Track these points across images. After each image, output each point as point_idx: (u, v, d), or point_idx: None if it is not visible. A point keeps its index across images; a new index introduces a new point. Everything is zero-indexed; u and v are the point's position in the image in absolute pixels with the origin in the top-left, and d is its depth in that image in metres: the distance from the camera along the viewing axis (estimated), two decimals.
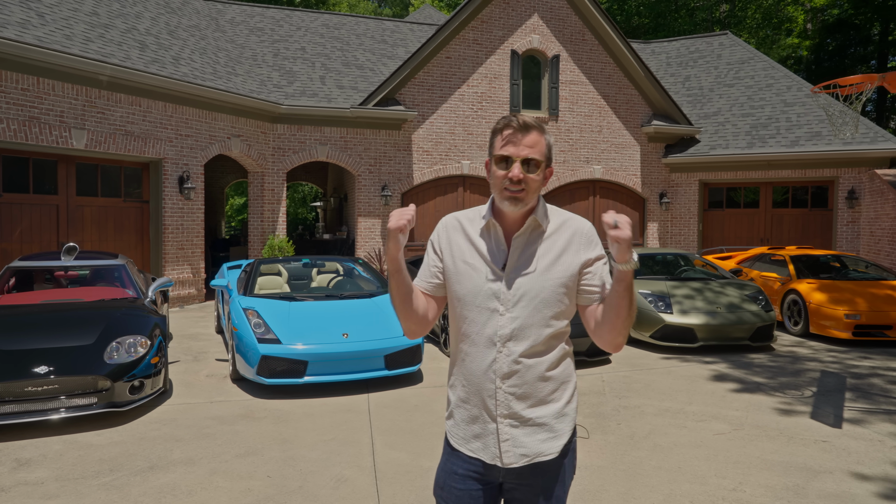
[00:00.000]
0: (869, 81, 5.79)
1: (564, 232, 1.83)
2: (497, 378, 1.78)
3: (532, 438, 1.79)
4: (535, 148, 1.76)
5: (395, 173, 13.95)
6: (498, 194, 1.79)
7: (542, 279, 1.78)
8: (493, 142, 1.81)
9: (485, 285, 1.79)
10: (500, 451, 1.79)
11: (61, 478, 4.02)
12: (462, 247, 1.86)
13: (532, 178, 1.76)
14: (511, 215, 1.83)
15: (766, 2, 29.38)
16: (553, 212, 1.87)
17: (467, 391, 1.84)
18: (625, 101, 15.68)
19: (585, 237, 1.83)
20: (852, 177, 14.27)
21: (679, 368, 7.18)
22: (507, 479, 1.83)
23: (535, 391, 1.79)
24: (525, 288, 1.77)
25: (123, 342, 5.24)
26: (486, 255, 1.82)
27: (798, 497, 3.84)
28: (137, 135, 10.33)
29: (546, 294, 1.77)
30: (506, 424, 1.79)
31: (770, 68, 17.02)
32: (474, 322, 1.80)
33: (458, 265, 1.85)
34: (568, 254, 1.80)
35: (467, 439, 1.85)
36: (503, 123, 1.78)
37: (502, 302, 1.77)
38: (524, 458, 1.78)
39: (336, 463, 4.33)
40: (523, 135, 1.75)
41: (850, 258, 10.27)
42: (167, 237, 10.95)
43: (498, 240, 1.83)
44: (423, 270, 1.94)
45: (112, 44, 10.36)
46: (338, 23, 17.08)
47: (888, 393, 6.16)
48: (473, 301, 1.80)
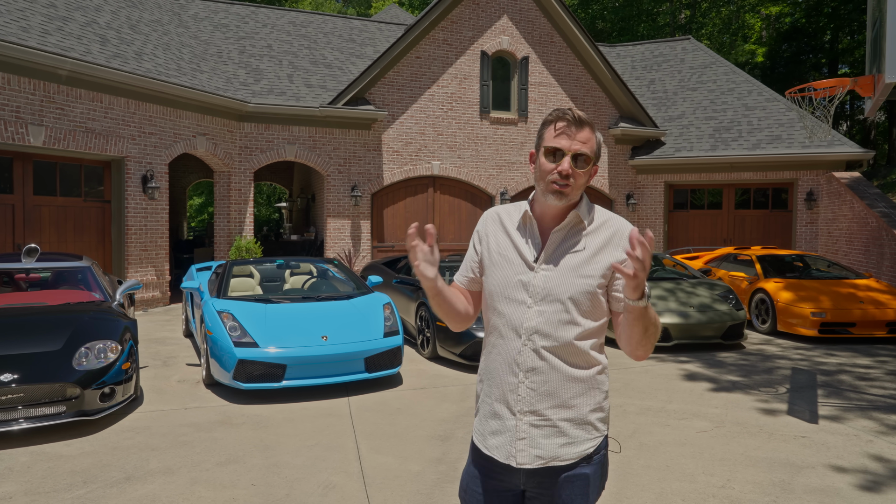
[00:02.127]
0: (841, 85, 5.97)
1: (604, 231, 1.79)
2: (520, 372, 1.75)
3: (550, 441, 1.74)
4: (587, 144, 1.74)
5: (364, 173, 13.80)
6: (543, 186, 1.77)
7: (572, 276, 1.74)
8: (544, 133, 1.78)
9: (515, 277, 1.78)
10: (515, 449, 1.75)
11: (31, 492, 3.80)
12: (499, 239, 1.86)
13: (580, 174, 1.74)
14: (551, 210, 1.80)
15: (726, 9, 30.16)
16: (596, 210, 1.83)
17: (491, 384, 1.82)
18: (593, 104, 15.86)
19: (624, 238, 1.78)
20: (811, 179, 14.72)
21: (655, 368, 7.26)
22: (528, 485, 1.79)
23: (557, 391, 1.74)
24: (554, 283, 1.74)
25: (93, 347, 5.00)
26: (521, 248, 1.81)
27: (785, 493, 3.89)
28: (99, 132, 9.96)
29: (574, 292, 1.73)
30: (525, 422, 1.75)
31: (731, 73, 17.45)
32: (502, 314, 1.79)
33: (494, 257, 1.84)
34: (604, 253, 1.76)
35: (486, 435, 1.82)
36: (557, 115, 1.75)
37: (531, 294, 1.75)
38: (539, 460, 1.74)
39: (322, 469, 4.21)
40: (577, 129, 1.73)
41: (813, 258, 10.57)
42: (130, 238, 10.58)
43: (533, 233, 1.81)
44: (463, 265, 1.99)
45: (71, 37, 9.96)
46: (304, 20, 16.82)
47: (857, 389, 6.34)
48: (503, 292, 1.79)
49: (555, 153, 1.74)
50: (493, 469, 1.81)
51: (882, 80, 5.09)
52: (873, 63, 5.72)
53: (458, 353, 7.00)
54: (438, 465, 4.29)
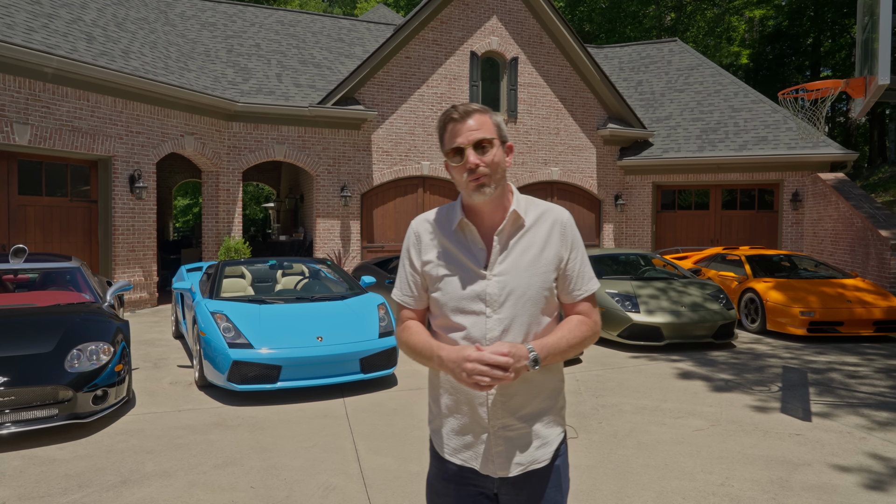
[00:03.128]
0: (834, 87, 6.05)
1: (544, 223, 1.75)
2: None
3: (525, 446, 1.71)
4: (481, 129, 1.67)
5: (354, 174, 13.75)
6: (464, 189, 1.70)
7: (527, 276, 1.69)
8: (443, 140, 1.73)
9: (467, 287, 1.70)
10: (493, 460, 1.71)
11: (25, 496, 3.73)
12: (438, 251, 1.76)
13: (489, 160, 1.67)
14: (485, 209, 1.73)
15: (711, 12, 30.46)
16: (529, 202, 1.78)
17: (456, 400, 1.74)
18: (581, 105, 15.93)
19: (563, 227, 1.76)
20: (796, 180, 14.90)
21: (648, 367, 7.29)
22: (501, 490, 1.74)
23: (527, 396, 1.71)
24: (511, 286, 1.68)
25: (85, 349, 4.92)
26: (465, 256, 1.72)
27: (784, 490, 3.92)
28: (85, 131, 9.82)
29: (533, 291, 1.69)
30: (499, 433, 1.70)
31: (717, 75, 17.62)
32: (461, 327, 1.70)
33: (437, 270, 1.75)
34: (550, 246, 1.73)
35: (458, 449, 1.75)
36: (445, 118, 1.71)
37: (489, 304, 1.68)
38: (518, 467, 1.71)
39: (321, 471, 4.18)
40: (466, 120, 1.67)
41: (800, 258, 10.70)
42: (117, 239, 10.45)
43: (474, 239, 1.73)
44: (400, 283, 1.84)
45: (57, 34, 9.82)
46: (293, 20, 16.73)
47: (848, 387, 6.42)
48: (457, 305, 1.71)
49: (457, 153, 1.68)
50: (466, 476, 1.76)
51: (874, 82, 5.17)
52: (864, 65, 5.81)
53: None
54: None
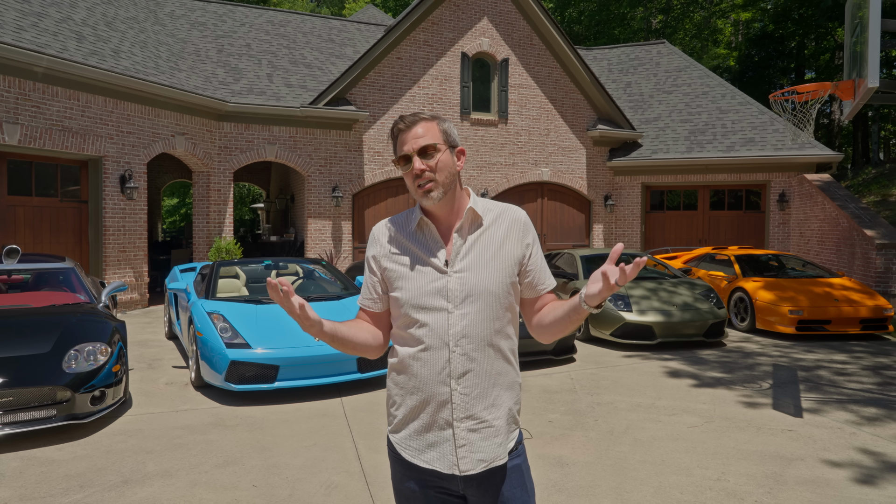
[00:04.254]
0: (822, 89, 6.17)
1: (502, 223, 1.80)
2: (452, 380, 1.71)
3: (489, 442, 1.72)
4: (425, 135, 1.73)
5: (345, 174, 13.75)
6: (415, 195, 1.76)
7: (488, 272, 1.74)
8: (394, 150, 1.81)
9: (429, 285, 1.73)
10: (457, 457, 1.71)
11: (26, 497, 3.72)
12: (397, 251, 1.81)
13: (435, 164, 1.72)
14: (441, 212, 1.79)
15: (698, 15, 30.76)
16: (486, 203, 1.85)
17: (418, 398, 1.75)
18: (571, 106, 16.04)
19: (522, 226, 1.82)
20: (783, 181, 15.10)
21: (641, 365, 7.38)
22: (467, 490, 1.74)
23: (488, 391, 1.74)
24: (472, 282, 1.72)
25: (82, 350, 4.91)
26: (425, 255, 1.76)
27: (778, 484, 4.00)
28: (76, 131, 9.75)
29: (494, 286, 1.73)
30: (462, 429, 1.71)
31: (705, 76, 17.80)
32: (424, 324, 1.73)
33: (398, 269, 1.78)
34: (508, 244, 1.78)
35: (421, 450, 1.76)
36: (394, 129, 1.78)
37: (450, 300, 1.71)
38: (482, 464, 1.71)
39: (322, 469, 4.20)
40: (411, 128, 1.74)
41: (788, 257, 10.86)
42: (108, 239, 10.38)
43: (433, 237, 1.78)
44: (364, 288, 1.90)
45: (47, 34, 9.74)
46: (283, 20, 16.69)
47: (836, 384, 6.54)
48: (419, 302, 1.73)
49: (405, 161, 1.75)
50: (431, 478, 1.76)
51: (864, 85, 5.28)
52: (853, 68, 5.92)
53: None
54: None
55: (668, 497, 3.80)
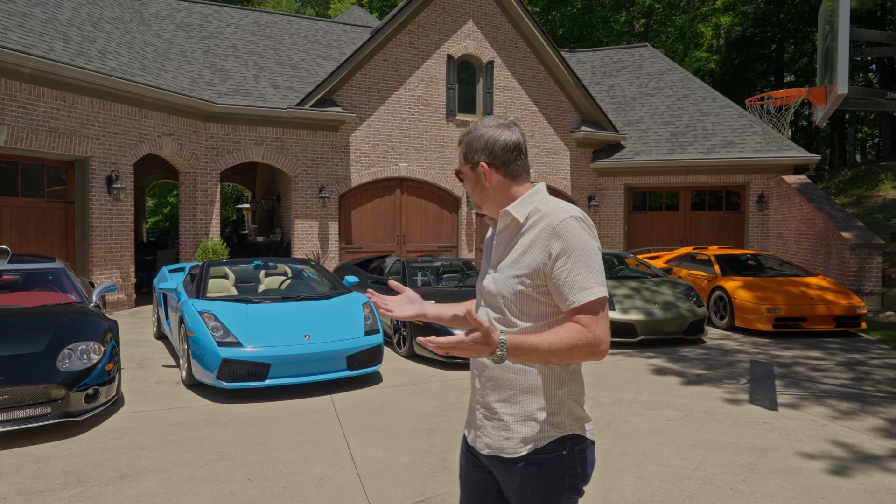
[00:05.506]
0: (797, 95, 6.40)
1: (536, 226, 1.76)
2: (475, 368, 1.92)
3: (497, 433, 1.83)
4: (459, 160, 1.95)
5: (332, 175, 13.83)
6: None
7: (504, 276, 1.81)
8: None
9: (481, 280, 1.95)
10: (474, 435, 1.92)
11: (24, 492, 3.80)
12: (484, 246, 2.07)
13: (467, 184, 1.92)
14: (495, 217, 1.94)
15: (680, 19, 31.18)
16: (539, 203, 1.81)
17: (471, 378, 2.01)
18: (555, 108, 16.25)
19: (552, 231, 1.71)
20: (762, 182, 15.43)
21: (624, 362, 7.57)
22: (490, 468, 1.90)
23: (502, 387, 1.82)
24: (494, 284, 1.85)
25: (76, 349, 4.98)
26: (487, 252, 1.99)
27: (752, 472, 4.19)
28: (62, 131, 9.75)
29: (505, 291, 1.79)
30: (479, 413, 1.89)
31: (686, 80, 18.12)
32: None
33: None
34: (532, 251, 1.74)
35: (467, 423, 2.01)
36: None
37: (484, 297, 1.91)
38: (487, 449, 1.85)
39: (315, 463, 4.32)
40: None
41: (766, 257, 11.14)
42: (95, 240, 10.39)
43: (491, 238, 1.97)
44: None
45: (33, 34, 9.74)
46: (269, 21, 16.73)
47: (812, 379, 6.77)
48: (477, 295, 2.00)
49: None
50: (469, 448, 1.99)
51: (834, 92, 5.50)
52: (825, 74, 6.15)
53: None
54: (427, 456, 4.45)
55: (648, 486, 3.97)
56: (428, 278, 8.93)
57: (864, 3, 19.11)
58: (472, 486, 1.97)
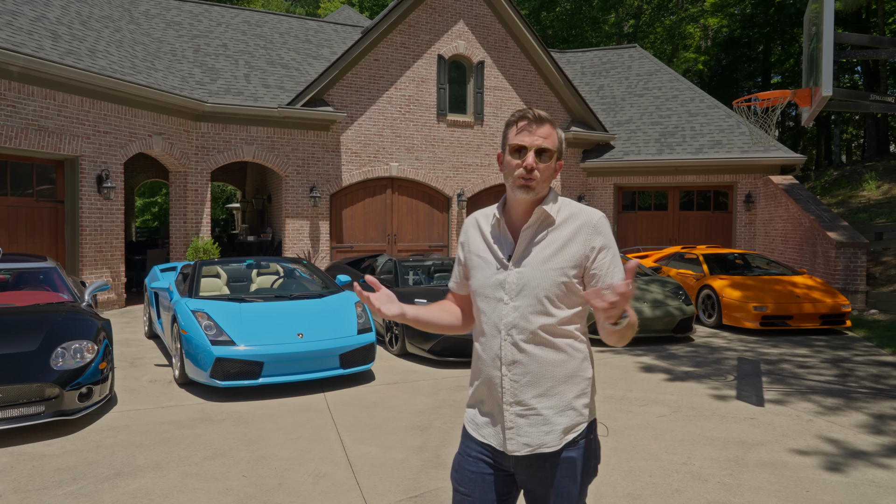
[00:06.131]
0: (783, 97, 6.51)
1: (572, 223, 1.86)
2: (503, 365, 1.85)
3: (536, 429, 1.83)
4: (548, 139, 1.83)
5: (323, 174, 13.85)
6: (511, 183, 1.87)
7: (542, 269, 1.83)
8: (507, 133, 1.89)
9: (493, 276, 1.88)
10: (504, 438, 1.85)
11: (20, 489, 3.82)
12: (477, 242, 1.98)
13: (543, 167, 1.84)
14: (520, 207, 1.90)
15: (668, 20, 31.40)
16: (565, 204, 1.91)
17: (481, 379, 1.93)
18: (545, 108, 16.33)
19: (593, 228, 1.85)
20: (749, 182, 15.61)
21: (614, 360, 7.66)
22: (517, 469, 1.88)
23: (539, 381, 1.84)
24: (527, 278, 1.83)
25: (69, 347, 4.99)
26: (495, 248, 1.91)
27: (739, 466, 4.28)
28: (52, 130, 9.71)
29: (546, 284, 1.82)
30: (511, 413, 1.84)
31: (675, 80, 18.27)
32: (484, 312, 1.90)
33: (473, 259, 1.97)
34: (573, 245, 1.83)
35: (480, 426, 1.93)
36: (518, 115, 1.86)
37: (507, 292, 1.85)
38: (527, 448, 1.83)
39: (309, 460, 4.36)
40: (538, 126, 1.83)
41: (753, 256, 11.28)
42: (84, 239, 10.34)
43: (505, 233, 1.92)
44: (454, 271, 2.11)
45: (22, 32, 9.68)
46: (259, 20, 16.70)
47: (797, 375, 6.89)
48: (483, 292, 1.90)
49: (519, 150, 1.84)
50: (487, 452, 1.92)
51: (819, 93, 5.61)
52: (810, 76, 6.26)
53: (427, 350, 7.22)
54: (421, 452, 4.50)
55: (638, 480, 4.05)
56: (419, 277, 8.98)
57: (849, 5, 19.35)
58: (485, 492, 1.92)
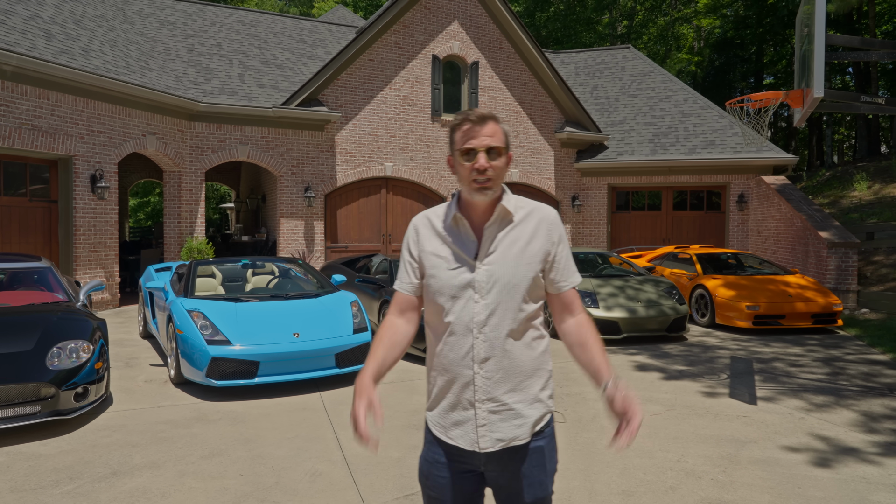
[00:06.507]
0: (775, 98, 6.57)
1: (532, 220, 1.92)
2: (475, 364, 1.86)
3: (507, 423, 1.86)
4: (494, 136, 1.84)
5: (318, 174, 13.85)
6: (467, 186, 1.88)
7: (514, 266, 1.86)
8: (454, 138, 1.89)
9: (459, 276, 1.88)
10: (477, 436, 1.87)
11: (17, 489, 3.82)
12: (432, 241, 1.95)
13: (496, 165, 1.85)
14: (479, 206, 1.91)
15: (661, 21, 31.54)
16: (519, 200, 1.95)
17: (446, 380, 1.91)
18: (539, 108, 16.40)
19: (551, 223, 1.93)
20: (742, 182, 15.70)
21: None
22: (487, 467, 1.90)
23: (510, 376, 1.87)
24: (498, 275, 1.85)
25: (65, 347, 4.99)
26: (458, 247, 1.91)
27: (732, 464, 4.32)
28: (46, 130, 9.68)
29: (518, 280, 1.86)
30: (483, 410, 1.86)
31: (668, 81, 18.36)
32: (452, 312, 1.88)
33: (432, 259, 1.93)
34: (537, 240, 1.90)
35: (447, 427, 1.92)
36: (461, 118, 1.87)
37: (477, 290, 1.85)
38: (500, 443, 1.86)
39: (306, 458, 4.38)
40: (482, 125, 1.84)
41: (746, 256, 11.36)
42: (78, 239, 10.32)
43: (467, 231, 1.91)
44: (401, 274, 2.02)
45: (15, 31, 9.65)
46: (254, 20, 16.68)
47: (790, 374, 6.95)
48: (449, 292, 1.88)
49: (468, 153, 1.85)
50: (455, 454, 1.92)
51: (810, 95, 5.67)
52: (802, 78, 6.32)
53: (423, 349, 7.25)
54: (417, 451, 4.53)
55: (633, 477, 4.09)
56: None
57: (840, 7, 19.50)
58: (455, 494, 1.94)
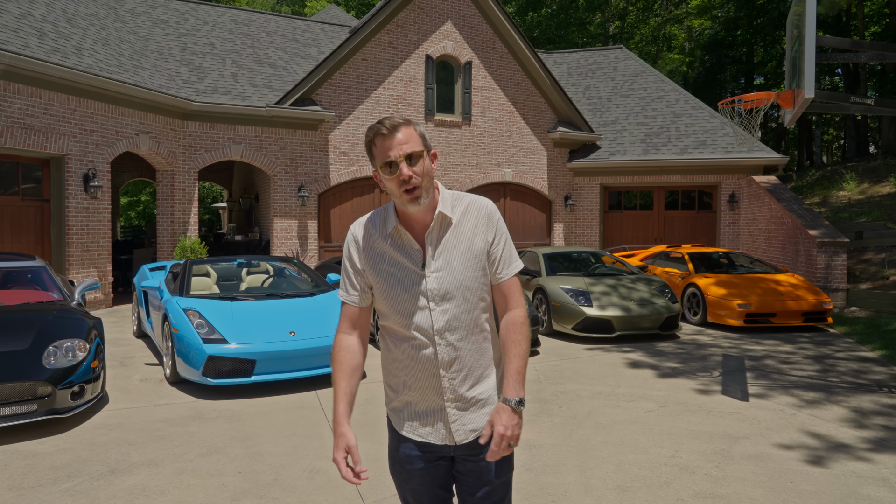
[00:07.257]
0: (766, 98, 6.65)
1: (469, 217, 1.91)
2: (440, 369, 1.87)
3: (477, 414, 1.92)
4: (409, 141, 1.80)
5: (311, 174, 13.85)
6: (398, 199, 1.84)
7: (461, 269, 1.87)
8: (373, 153, 1.84)
9: (410, 287, 1.86)
10: (449, 431, 1.91)
11: (15, 487, 3.82)
12: (373, 253, 1.92)
13: (419, 170, 1.80)
14: (416, 215, 1.88)
15: (653, 21, 31.70)
16: (455, 198, 1.92)
17: (409, 385, 1.93)
18: (532, 108, 16.46)
19: (487, 218, 1.92)
20: (733, 182, 15.83)
21: (602, 357, 7.77)
22: (457, 452, 1.94)
23: (473, 371, 1.91)
24: (448, 281, 1.86)
25: (61, 346, 4.99)
26: (402, 258, 1.88)
27: (725, 459, 4.39)
28: (38, 129, 9.64)
29: (469, 282, 1.87)
30: (452, 407, 1.90)
31: (660, 81, 18.47)
32: (409, 323, 1.87)
33: (380, 270, 1.90)
34: (477, 238, 1.89)
35: (415, 427, 1.95)
36: (373, 132, 1.82)
37: (430, 299, 1.85)
38: (474, 433, 1.91)
39: (304, 456, 4.40)
40: (394, 135, 1.79)
41: (737, 255, 11.46)
42: (71, 238, 10.28)
43: (409, 241, 1.88)
44: (344, 284, 1.97)
45: (7, 30, 9.60)
46: (247, 19, 16.65)
47: (781, 371, 7.03)
48: (403, 305, 1.87)
49: (389, 165, 1.80)
50: (425, 447, 1.96)
51: (801, 95, 5.75)
52: (793, 78, 6.41)
53: None
54: None
55: (627, 472, 4.14)
56: None
57: (830, 9, 19.68)
58: (431, 482, 1.98)
